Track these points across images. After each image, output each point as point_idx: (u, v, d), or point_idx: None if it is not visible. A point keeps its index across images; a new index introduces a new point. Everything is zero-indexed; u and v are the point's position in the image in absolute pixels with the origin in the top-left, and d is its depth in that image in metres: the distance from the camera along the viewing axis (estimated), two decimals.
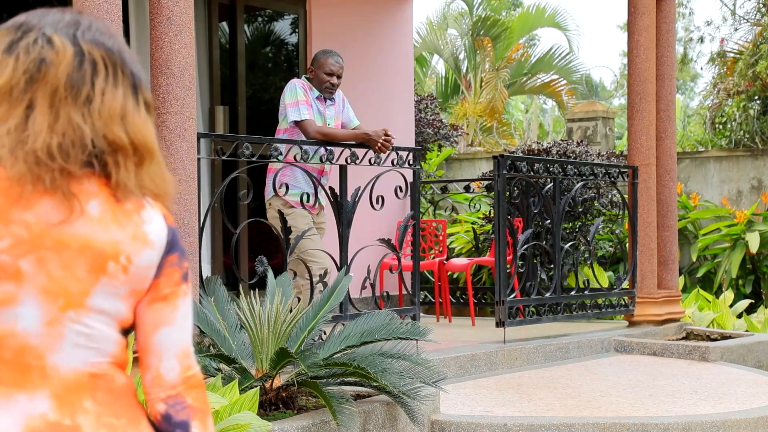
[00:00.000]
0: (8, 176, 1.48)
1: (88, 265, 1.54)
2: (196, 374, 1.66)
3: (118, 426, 1.57)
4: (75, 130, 1.52)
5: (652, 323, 7.81)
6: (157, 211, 1.62)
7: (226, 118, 8.29)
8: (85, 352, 1.57)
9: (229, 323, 4.73)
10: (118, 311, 1.59)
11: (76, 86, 1.53)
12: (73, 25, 1.57)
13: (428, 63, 20.25)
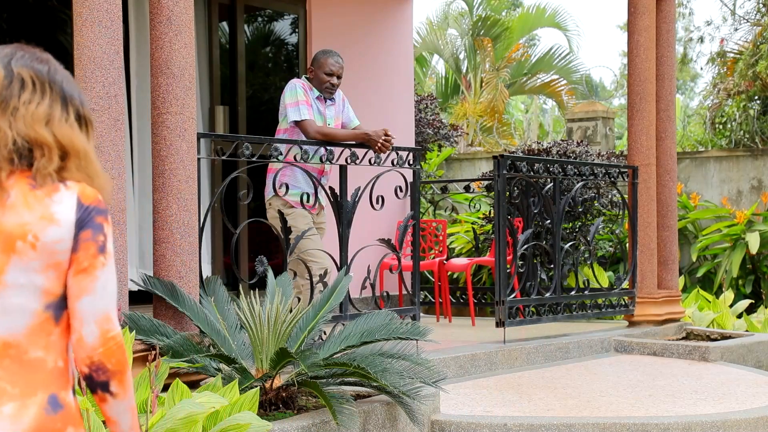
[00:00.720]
0: None
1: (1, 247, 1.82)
2: (115, 336, 1.89)
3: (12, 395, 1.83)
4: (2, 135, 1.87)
5: (652, 323, 7.82)
6: (72, 193, 1.89)
7: (226, 118, 8.29)
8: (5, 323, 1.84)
9: (229, 323, 4.74)
10: (35, 283, 1.85)
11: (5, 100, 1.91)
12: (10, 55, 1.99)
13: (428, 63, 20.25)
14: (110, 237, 1.93)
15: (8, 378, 1.84)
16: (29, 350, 1.86)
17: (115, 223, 4.38)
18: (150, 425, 3.37)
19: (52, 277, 1.88)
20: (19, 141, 1.89)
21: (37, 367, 1.87)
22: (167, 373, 3.99)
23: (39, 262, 1.86)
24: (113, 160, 4.38)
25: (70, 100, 2.00)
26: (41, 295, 1.87)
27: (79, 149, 1.94)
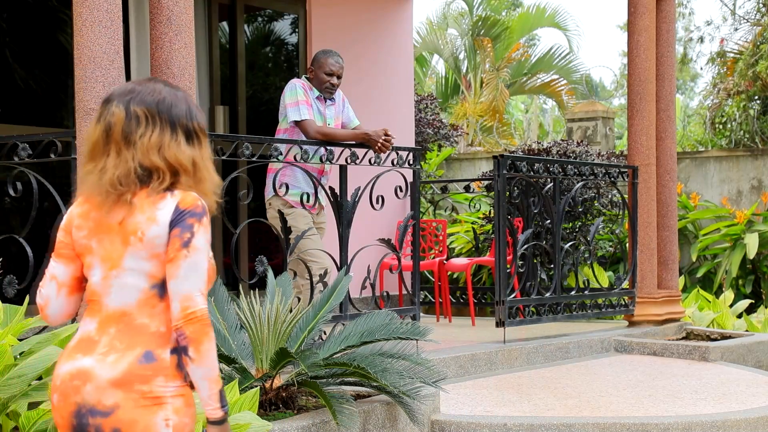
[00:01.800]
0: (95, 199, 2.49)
1: (120, 239, 2.48)
2: (194, 312, 2.40)
3: (117, 347, 2.44)
4: (126, 166, 2.45)
5: (652, 323, 7.82)
6: (174, 200, 2.46)
7: (226, 118, 8.29)
8: (118, 298, 2.48)
9: (229, 323, 4.73)
10: (143, 268, 2.46)
11: (126, 136, 2.47)
12: (129, 94, 2.50)
13: (428, 63, 20.25)
14: (199, 234, 2.45)
15: (119, 337, 2.45)
16: (137, 318, 2.47)
17: None
18: None
19: (155, 264, 2.46)
20: (139, 170, 2.46)
21: (141, 330, 2.46)
22: None
23: (145, 252, 2.46)
24: None
25: (178, 122, 2.51)
26: (148, 277, 2.47)
27: (186, 165, 2.50)
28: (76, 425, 2.43)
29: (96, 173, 2.49)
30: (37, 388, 3.72)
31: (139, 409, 2.41)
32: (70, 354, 2.50)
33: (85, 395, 2.42)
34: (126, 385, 2.41)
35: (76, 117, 4.42)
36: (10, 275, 4.73)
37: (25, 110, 7.39)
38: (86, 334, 2.50)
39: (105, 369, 2.42)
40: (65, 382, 2.46)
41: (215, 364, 2.44)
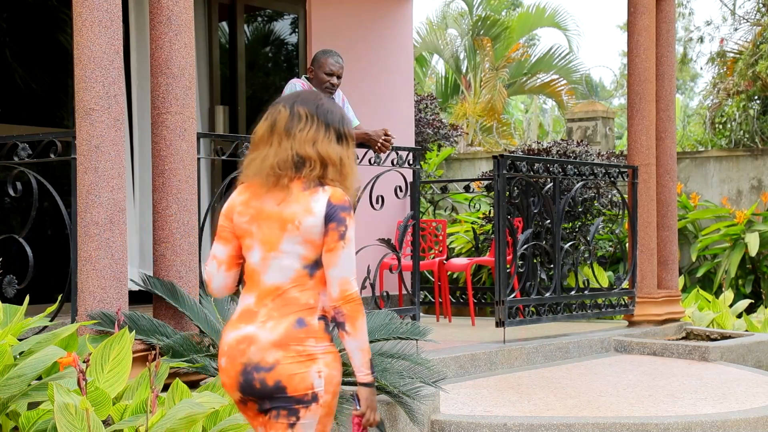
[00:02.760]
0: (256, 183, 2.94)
1: (278, 226, 2.92)
2: (351, 294, 2.90)
3: (274, 316, 2.92)
4: (285, 152, 2.93)
5: (652, 323, 7.82)
6: (326, 195, 2.91)
7: (226, 118, 8.29)
8: (276, 276, 2.94)
9: None
10: (297, 251, 2.92)
11: (288, 129, 2.95)
12: (294, 98, 3.02)
13: (428, 63, 20.25)
14: (350, 227, 2.92)
15: (275, 308, 2.93)
16: (290, 292, 2.94)
17: (115, 222, 4.38)
18: (150, 425, 3.37)
19: (308, 248, 2.92)
20: (296, 157, 2.93)
21: (293, 302, 2.93)
22: (167, 373, 3.99)
23: (300, 238, 2.91)
24: (113, 159, 4.38)
25: (332, 125, 2.99)
26: (301, 259, 2.93)
27: (335, 159, 2.96)
28: (243, 381, 2.91)
29: (259, 160, 2.97)
30: (37, 388, 3.72)
31: (295, 364, 2.89)
32: (235, 324, 2.97)
33: (250, 355, 2.90)
34: (284, 346, 2.89)
35: (76, 117, 4.42)
36: (10, 275, 4.73)
37: (25, 110, 7.39)
38: (247, 307, 2.98)
39: (266, 333, 2.91)
40: (232, 347, 2.94)
41: (366, 338, 2.94)
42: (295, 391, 2.88)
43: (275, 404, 2.90)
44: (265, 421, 2.94)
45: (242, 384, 2.90)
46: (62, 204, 4.79)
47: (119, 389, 3.70)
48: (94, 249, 4.35)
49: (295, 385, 2.87)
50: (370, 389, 2.95)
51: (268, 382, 2.88)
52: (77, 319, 4.43)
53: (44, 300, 4.96)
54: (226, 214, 3.03)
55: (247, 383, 2.90)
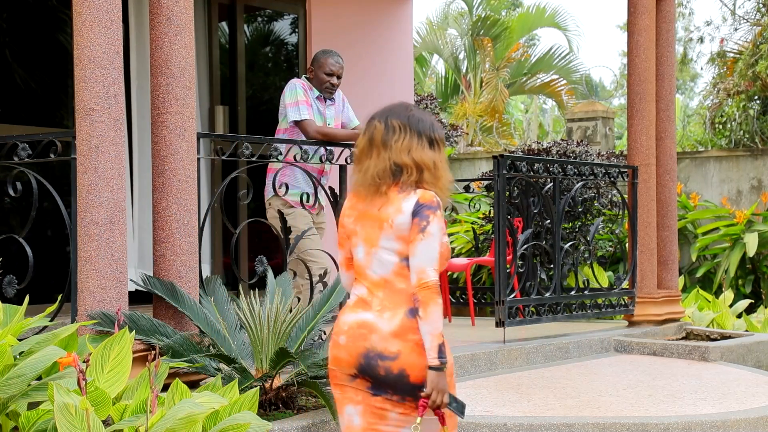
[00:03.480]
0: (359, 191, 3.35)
1: (377, 225, 3.31)
2: (426, 282, 3.21)
3: (387, 306, 3.28)
4: (383, 163, 3.30)
5: (652, 323, 7.81)
6: (416, 196, 3.27)
7: (226, 118, 8.29)
8: (378, 269, 3.32)
9: (229, 323, 4.73)
10: (393, 247, 3.29)
11: (384, 142, 3.32)
12: (387, 112, 3.38)
13: (428, 63, 20.26)
14: (433, 223, 3.24)
15: (386, 298, 3.29)
16: (396, 283, 3.30)
17: (115, 222, 4.38)
18: (150, 425, 3.37)
19: (401, 244, 3.28)
20: (393, 166, 3.31)
21: (401, 293, 3.28)
22: (167, 372, 3.99)
23: (393, 234, 3.29)
24: (113, 159, 4.38)
25: (423, 133, 3.35)
26: (397, 253, 3.30)
27: (429, 164, 3.32)
28: (364, 363, 3.26)
29: (362, 172, 3.37)
30: (37, 388, 3.72)
31: (414, 354, 3.22)
32: (352, 309, 3.36)
33: (373, 343, 3.25)
34: (402, 336, 3.24)
35: (76, 117, 4.42)
36: (10, 275, 4.73)
37: (25, 110, 7.39)
38: (361, 296, 3.37)
39: (384, 323, 3.26)
40: (353, 328, 3.31)
41: (439, 324, 3.20)
42: (417, 379, 3.23)
43: (399, 392, 3.25)
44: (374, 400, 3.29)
45: (362, 365, 3.27)
46: (62, 204, 4.79)
47: (119, 389, 3.70)
48: (94, 249, 4.35)
49: (417, 373, 3.22)
50: (436, 372, 3.20)
51: (393, 370, 3.23)
52: (77, 319, 4.43)
53: (44, 300, 4.96)
54: (339, 221, 3.49)
55: (369, 367, 3.26)
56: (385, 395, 3.27)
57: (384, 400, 3.27)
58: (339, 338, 3.34)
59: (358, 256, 3.39)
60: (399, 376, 3.22)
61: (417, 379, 3.22)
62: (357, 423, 3.32)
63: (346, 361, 3.31)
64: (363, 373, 3.27)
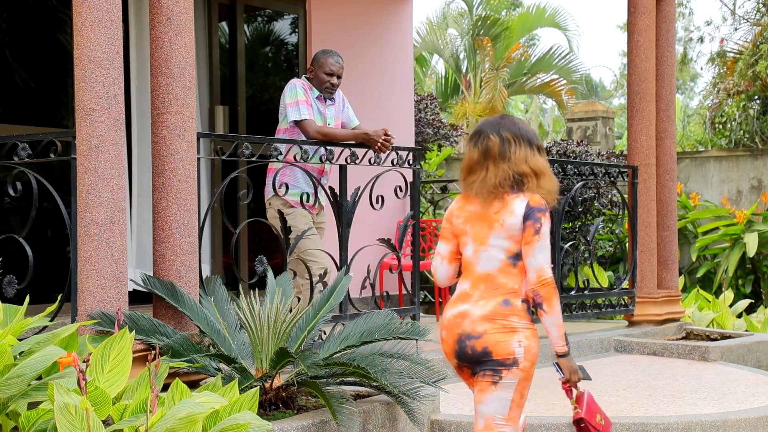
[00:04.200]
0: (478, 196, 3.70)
1: (487, 225, 3.69)
2: (546, 279, 3.58)
3: (486, 297, 3.66)
4: (504, 173, 3.66)
5: (652, 323, 7.82)
6: (525, 199, 3.65)
7: (226, 118, 8.29)
8: (485, 265, 3.69)
9: (229, 323, 4.73)
10: (503, 245, 3.66)
11: (502, 154, 3.68)
12: (498, 125, 3.74)
13: (428, 63, 20.25)
14: (545, 224, 3.62)
15: (486, 290, 3.67)
16: (498, 278, 3.67)
17: (115, 222, 4.38)
18: (150, 425, 3.37)
19: (510, 242, 3.66)
20: (515, 175, 3.68)
21: (501, 286, 3.66)
22: (167, 372, 3.99)
23: (504, 234, 3.66)
24: (113, 159, 4.38)
25: (532, 142, 3.74)
26: (505, 251, 3.67)
27: (542, 169, 3.71)
28: (458, 349, 3.68)
29: (479, 181, 3.71)
30: (37, 388, 3.72)
31: (499, 333, 3.62)
32: (453, 304, 3.74)
33: (464, 326, 3.66)
34: (491, 319, 3.63)
35: (76, 117, 4.42)
36: (10, 275, 4.73)
37: (25, 110, 7.39)
38: (463, 290, 3.74)
39: (477, 309, 3.66)
40: (450, 321, 3.71)
41: (561, 315, 3.61)
42: (499, 355, 3.61)
43: (482, 367, 3.65)
44: (476, 381, 3.70)
45: (457, 351, 3.69)
46: (62, 204, 4.79)
47: (119, 389, 3.70)
48: (94, 249, 4.35)
49: (499, 350, 3.61)
50: (567, 358, 3.66)
51: (477, 348, 3.64)
52: (77, 319, 4.43)
53: (44, 300, 4.96)
54: (447, 218, 3.85)
55: (461, 350, 3.68)
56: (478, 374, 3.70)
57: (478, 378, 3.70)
58: (442, 333, 3.77)
59: (466, 253, 3.76)
60: (483, 353, 3.63)
61: (499, 356, 3.62)
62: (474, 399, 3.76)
63: (448, 353, 3.76)
64: (459, 359, 3.72)
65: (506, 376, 3.62)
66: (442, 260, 3.85)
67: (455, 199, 3.87)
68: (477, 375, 3.68)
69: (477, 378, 3.68)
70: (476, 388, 3.70)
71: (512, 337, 3.61)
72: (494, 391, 3.64)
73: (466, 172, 3.78)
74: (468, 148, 3.79)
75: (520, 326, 3.62)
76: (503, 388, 3.63)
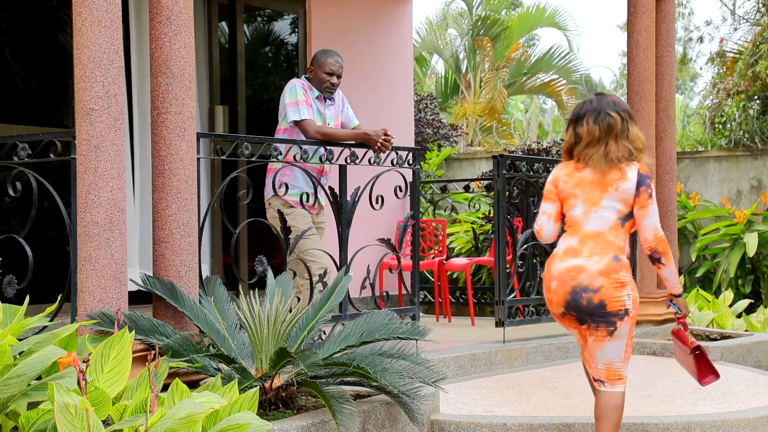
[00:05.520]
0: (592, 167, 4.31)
1: (600, 189, 4.28)
2: (662, 236, 4.23)
3: (596, 252, 4.21)
4: (625, 149, 4.29)
5: (652, 323, 7.81)
6: (635, 167, 4.27)
7: (225, 118, 8.29)
8: (596, 224, 4.27)
9: (229, 323, 4.73)
10: (615, 207, 4.25)
11: (623, 131, 4.30)
12: (613, 105, 4.34)
13: (428, 63, 20.25)
14: (654, 190, 4.29)
15: (596, 247, 4.25)
16: (607, 236, 4.27)
17: (115, 222, 4.38)
18: (150, 425, 3.37)
19: (622, 205, 4.27)
20: (633, 150, 4.31)
21: (610, 244, 4.26)
22: (167, 372, 3.99)
23: (617, 197, 4.27)
24: (113, 159, 4.38)
25: (633, 117, 4.38)
26: (616, 212, 4.28)
27: (644, 142, 4.39)
28: (570, 299, 4.23)
29: (600, 154, 4.28)
30: (37, 388, 3.72)
31: (613, 288, 4.18)
32: (562, 258, 4.29)
33: (580, 280, 4.20)
34: (606, 274, 4.19)
35: (75, 117, 4.42)
36: (10, 275, 4.73)
37: (25, 110, 7.39)
38: (570, 246, 4.30)
39: (593, 264, 4.21)
40: (563, 273, 4.25)
41: (674, 265, 4.24)
42: (613, 308, 4.18)
43: (596, 318, 4.20)
44: (582, 329, 4.27)
45: (569, 301, 4.23)
46: (62, 204, 4.79)
47: (119, 389, 3.70)
48: (94, 249, 4.35)
49: (613, 303, 4.18)
50: (681, 297, 4.47)
51: (593, 301, 4.18)
52: (77, 319, 4.43)
53: (44, 300, 4.97)
54: (552, 182, 4.42)
55: (574, 301, 4.21)
56: (586, 324, 4.24)
57: (586, 327, 4.25)
58: (551, 284, 4.29)
59: (575, 214, 4.33)
60: (598, 306, 4.18)
61: (612, 308, 4.18)
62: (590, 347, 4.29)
63: (556, 302, 4.28)
64: (569, 309, 4.24)
65: (620, 326, 4.20)
66: (549, 219, 4.42)
67: (559, 166, 4.43)
68: (587, 325, 4.23)
69: (588, 328, 4.24)
70: (591, 338, 4.25)
71: (622, 290, 4.19)
72: (610, 341, 4.23)
73: (584, 146, 4.31)
74: (586, 124, 4.31)
75: (627, 280, 4.19)
76: (618, 336, 4.22)
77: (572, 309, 4.22)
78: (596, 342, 4.24)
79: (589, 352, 4.30)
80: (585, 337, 4.28)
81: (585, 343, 4.31)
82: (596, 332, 4.21)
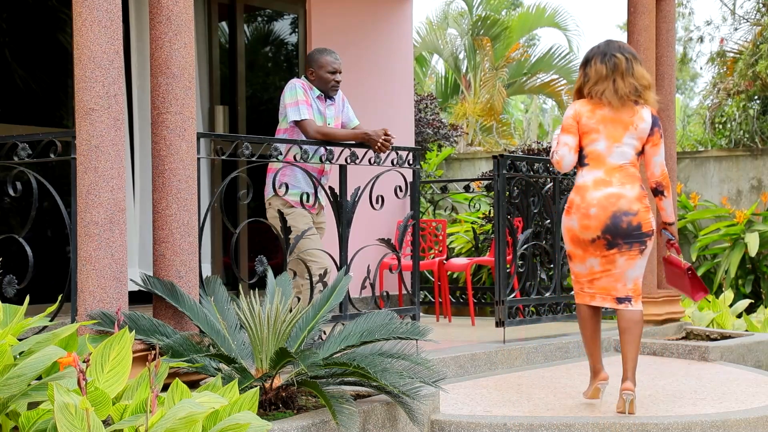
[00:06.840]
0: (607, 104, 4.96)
1: (621, 127, 4.98)
2: (666, 171, 5.07)
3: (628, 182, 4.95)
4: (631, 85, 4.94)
5: (652, 323, 7.81)
6: (648, 109, 5.01)
7: (226, 118, 8.29)
8: (618, 158, 4.98)
9: (229, 323, 4.73)
10: (633, 144, 4.99)
11: (627, 69, 4.95)
12: (618, 48, 5.00)
13: (428, 63, 20.25)
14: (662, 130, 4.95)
15: (623, 177, 4.93)
16: (629, 168, 4.96)
17: (115, 222, 4.38)
18: (150, 425, 3.37)
19: (638, 142, 4.96)
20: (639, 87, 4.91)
21: (633, 174, 4.96)
22: (167, 372, 3.99)
23: (635, 134, 4.95)
24: (113, 159, 4.38)
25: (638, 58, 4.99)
26: (633, 148, 4.95)
27: (651, 81, 4.97)
28: (610, 223, 4.87)
29: (611, 89, 4.89)
30: (37, 388, 3.72)
31: (645, 212, 4.93)
32: (596, 187, 4.92)
33: (620, 205, 4.88)
34: (639, 200, 4.93)
35: (76, 117, 4.42)
36: (10, 275, 4.73)
37: (25, 110, 7.39)
38: (598, 178, 4.93)
39: (629, 191, 4.91)
40: (602, 200, 4.90)
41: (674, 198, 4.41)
42: (647, 228, 4.91)
43: (630, 240, 4.88)
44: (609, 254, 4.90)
45: (608, 225, 4.87)
46: (62, 204, 4.79)
47: (119, 389, 3.69)
48: (94, 249, 4.35)
49: (647, 224, 4.91)
50: (674, 225, 5.20)
51: (633, 223, 4.87)
52: (77, 319, 4.43)
53: (44, 300, 4.96)
54: (573, 117, 4.97)
55: (614, 225, 4.86)
56: (617, 247, 4.88)
57: (616, 251, 4.89)
58: (589, 210, 4.90)
59: (597, 148, 4.94)
60: (636, 227, 4.87)
61: (646, 228, 4.92)
62: (597, 268, 4.97)
63: (594, 226, 4.89)
64: (605, 233, 4.87)
65: (648, 244, 4.93)
66: (570, 150, 4.96)
67: (579, 102, 4.98)
68: (617, 248, 4.88)
69: (619, 251, 4.89)
70: (622, 258, 4.89)
71: (649, 213, 4.93)
72: (640, 258, 4.92)
73: (593, 83, 4.91)
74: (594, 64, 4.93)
75: (650, 205, 4.96)
76: (645, 254, 4.94)
77: (609, 232, 4.85)
78: (629, 261, 4.91)
79: (620, 271, 4.92)
80: (610, 261, 4.91)
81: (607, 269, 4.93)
82: (629, 252, 4.89)
